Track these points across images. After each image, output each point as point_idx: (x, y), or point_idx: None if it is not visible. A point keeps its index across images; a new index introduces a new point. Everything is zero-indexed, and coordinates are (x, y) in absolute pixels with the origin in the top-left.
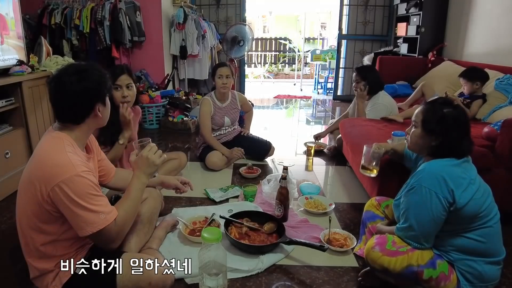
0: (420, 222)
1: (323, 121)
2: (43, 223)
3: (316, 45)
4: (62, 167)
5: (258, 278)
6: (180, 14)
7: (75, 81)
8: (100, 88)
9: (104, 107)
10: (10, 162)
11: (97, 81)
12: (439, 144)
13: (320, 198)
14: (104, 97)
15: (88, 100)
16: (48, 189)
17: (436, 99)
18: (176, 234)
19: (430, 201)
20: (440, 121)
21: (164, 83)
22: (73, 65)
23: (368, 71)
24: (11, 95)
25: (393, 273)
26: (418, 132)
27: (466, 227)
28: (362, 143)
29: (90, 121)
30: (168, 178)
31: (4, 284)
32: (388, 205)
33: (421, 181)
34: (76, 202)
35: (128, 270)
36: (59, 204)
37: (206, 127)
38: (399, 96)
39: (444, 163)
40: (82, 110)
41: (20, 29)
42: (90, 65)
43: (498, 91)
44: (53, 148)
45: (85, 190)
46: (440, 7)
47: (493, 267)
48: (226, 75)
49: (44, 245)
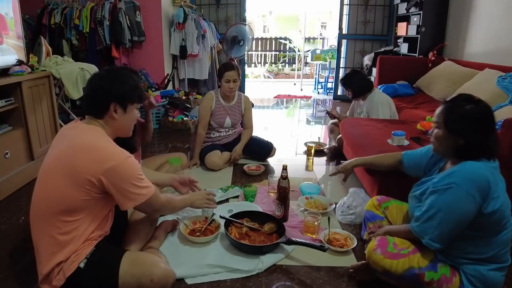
0: (447, 222)
1: (323, 121)
2: (66, 210)
3: (316, 45)
4: (112, 153)
5: (258, 278)
6: (180, 13)
7: (99, 77)
8: (120, 90)
9: (123, 112)
10: (10, 162)
11: (119, 83)
12: (465, 144)
13: (320, 198)
14: (122, 100)
15: (103, 96)
16: (100, 172)
17: (457, 96)
18: (176, 234)
19: (465, 204)
20: (463, 119)
21: (164, 83)
22: (111, 68)
23: (350, 78)
24: (10, 95)
25: (395, 275)
26: (441, 133)
27: (483, 234)
28: (362, 143)
29: (109, 120)
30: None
31: (5, 284)
32: (388, 206)
33: (461, 182)
34: (129, 182)
35: (130, 267)
36: (111, 185)
37: (202, 120)
38: (399, 96)
39: (482, 166)
40: (98, 104)
41: (19, 29)
42: (126, 70)
43: (499, 88)
44: (97, 136)
45: (135, 171)
46: (440, 7)
47: (498, 273)
48: (233, 79)
49: (60, 234)
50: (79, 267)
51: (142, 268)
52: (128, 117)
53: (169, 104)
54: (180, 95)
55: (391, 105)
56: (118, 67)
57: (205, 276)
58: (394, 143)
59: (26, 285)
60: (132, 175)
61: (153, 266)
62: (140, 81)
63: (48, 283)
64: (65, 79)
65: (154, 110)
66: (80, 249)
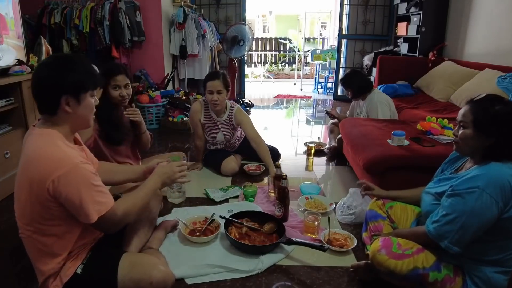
0: (469, 227)
1: (323, 121)
2: (43, 223)
3: (316, 45)
4: (58, 161)
5: (258, 278)
6: (180, 13)
7: (44, 67)
8: (69, 80)
9: (77, 104)
10: (9, 162)
11: (67, 72)
12: (494, 145)
13: (320, 198)
14: (73, 91)
15: (50, 89)
16: (47, 185)
17: (485, 96)
18: (176, 234)
19: (489, 209)
20: (493, 119)
21: (164, 83)
22: (57, 55)
23: (350, 78)
24: (10, 95)
25: (399, 276)
26: (469, 132)
27: (495, 238)
28: (362, 143)
29: (63, 115)
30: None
31: (5, 284)
32: (392, 206)
33: (485, 187)
34: (78, 193)
35: (128, 270)
36: (60, 198)
37: (195, 132)
38: (399, 96)
39: (507, 170)
40: (46, 99)
41: (19, 29)
42: (75, 57)
43: (500, 88)
44: (44, 143)
45: (86, 180)
46: (440, 7)
47: (502, 276)
48: (217, 90)
49: (46, 246)
50: (76, 272)
51: (141, 271)
52: (84, 108)
53: (169, 104)
54: (180, 95)
55: (390, 105)
56: (66, 54)
57: (205, 276)
58: (394, 143)
59: (26, 285)
60: (86, 181)
61: (152, 268)
62: (92, 66)
63: None
64: None
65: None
66: (75, 255)
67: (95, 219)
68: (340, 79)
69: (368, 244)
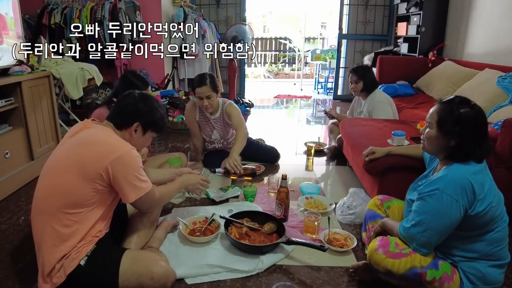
0: (433, 228)
1: (323, 121)
2: (71, 204)
3: (316, 45)
4: (117, 144)
5: (258, 278)
6: (180, 13)
7: (137, 98)
8: (150, 115)
9: (142, 134)
10: (9, 162)
11: (154, 110)
12: (457, 146)
13: (320, 198)
14: (147, 124)
15: (133, 114)
16: (106, 163)
17: (453, 98)
18: (176, 234)
19: (450, 209)
20: (457, 121)
21: (164, 83)
22: (147, 95)
23: (365, 71)
24: (10, 95)
25: (397, 275)
26: (433, 133)
27: (475, 233)
28: (362, 143)
29: (125, 135)
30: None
31: (5, 284)
32: (389, 206)
33: (444, 188)
34: (132, 174)
35: (131, 264)
36: (116, 176)
37: (192, 132)
38: (399, 96)
39: (468, 170)
40: (124, 118)
41: (19, 29)
42: (158, 101)
43: (500, 88)
44: (103, 132)
45: (135, 165)
46: (440, 7)
47: (497, 270)
48: (206, 95)
49: (62, 226)
50: (80, 264)
51: (142, 266)
52: (143, 140)
53: (169, 104)
54: (180, 95)
55: (392, 105)
56: (151, 96)
57: (205, 276)
58: (394, 143)
59: (26, 285)
60: (135, 167)
61: (154, 264)
62: (165, 115)
63: (49, 280)
64: (65, 79)
65: None
66: (81, 246)
67: (133, 200)
68: (353, 69)
69: (367, 244)
